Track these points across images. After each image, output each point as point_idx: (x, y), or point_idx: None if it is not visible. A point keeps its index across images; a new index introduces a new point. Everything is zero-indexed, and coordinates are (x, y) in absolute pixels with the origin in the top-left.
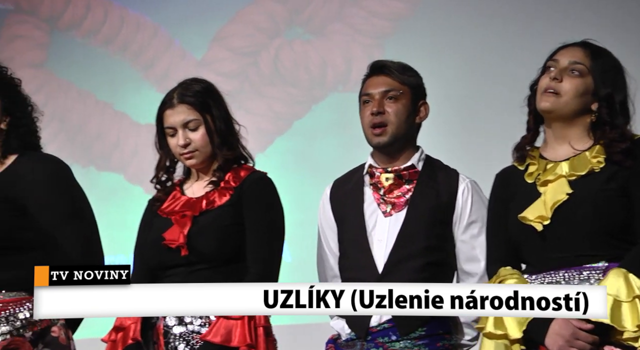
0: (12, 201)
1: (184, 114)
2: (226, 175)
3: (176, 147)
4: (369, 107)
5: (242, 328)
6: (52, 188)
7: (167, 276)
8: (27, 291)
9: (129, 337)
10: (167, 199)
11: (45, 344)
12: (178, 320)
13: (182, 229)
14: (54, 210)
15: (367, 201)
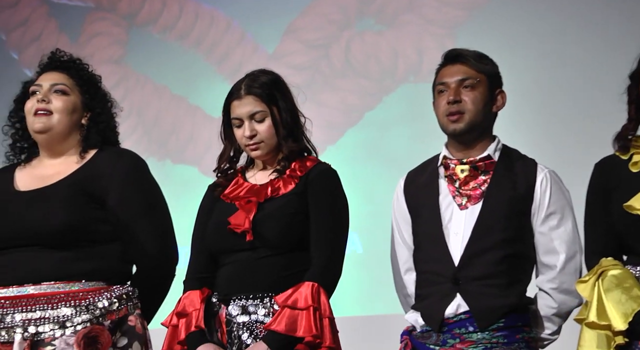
0: (92, 195)
1: (251, 106)
2: (292, 164)
3: (242, 138)
4: (444, 96)
5: (307, 318)
6: (130, 182)
7: (230, 261)
8: (105, 281)
9: (192, 324)
10: (230, 184)
11: (123, 333)
12: (241, 309)
13: (247, 214)
14: (132, 204)
15: (442, 194)
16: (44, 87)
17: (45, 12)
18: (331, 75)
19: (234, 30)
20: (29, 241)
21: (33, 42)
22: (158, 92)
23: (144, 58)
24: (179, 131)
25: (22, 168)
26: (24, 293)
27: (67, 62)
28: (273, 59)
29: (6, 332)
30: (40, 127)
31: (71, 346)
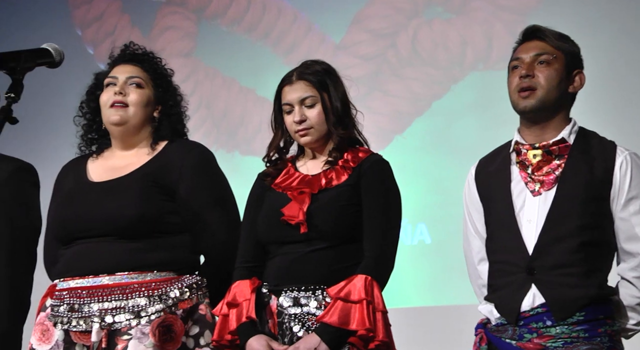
0: (163, 186)
1: (302, 91)
2: (344, 155)
3: (292, 124)
4: (517, 72)
5: (360, 311)
6: (199, 175)
7: (281, 252)
8: (175, 272)
9: (243, 315)
10: (280, 174)
11: (195, 321)
12: (293, 301)
13: (301, 205)
14: (201, 195)
15: (514, 180)
16: (120, 80)
17: (118, 8)
18: (398, 64)
19: (301, 21)
20: (103, 232)
21: (107, 37)
22: (227, 85)
23: (213, 51)
24: (247, 123)
25: (94, 159)
26: (99, 283)
27: (141, 55)
28: (340, 49)
29: (84, 321)
30: (117, 120)
31: (147, 335)
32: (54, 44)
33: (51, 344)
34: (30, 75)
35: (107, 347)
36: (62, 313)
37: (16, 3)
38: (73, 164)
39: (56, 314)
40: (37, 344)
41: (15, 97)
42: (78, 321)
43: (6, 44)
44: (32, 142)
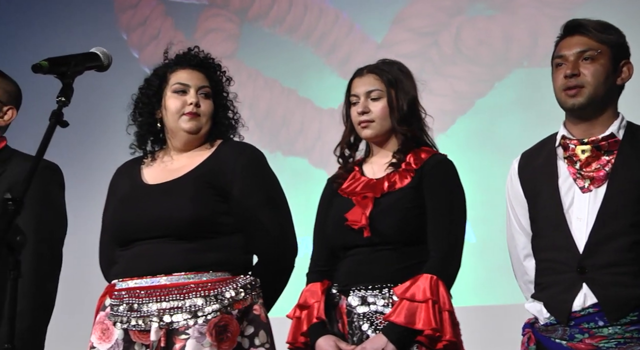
0: (216, 187)
1: (369, 84)
2: (407, 157)
3: (356, 115)
4: (562, 70)
5: (426, 311)
6: (252, 175)
7: (349, 255)
8: (229, 272)
9: (314, 316)
10: (347, 178)
11: (249, 321)
12: (361, 300)
13: (364, 210)
14: (253, 196)
15: (561, 176)
16: (191, 89)
17: (162, 11)
18: (440, 62)
19: (342, 21)
20: (160, 233)
21: (152, 41)
22: (269, 86)
23: (255, 52)
24: (289, 124)
25: (148, 162)
26: (157, 283)
27: (205, 60)
28: (382, 48)
29: (143, 320)
30: (191, 128)
31: (204, 335)
32: (102, 48)
33: (111, 342)
34: (78, 79)
35: (166, 346)
36: (122, 312)
37: (64, 9)
38: (127, 166)
39: (116, 314)
40: (98, 343)
41: (65, 100)
42: (137, 320)
43: (54, 48)
44: (79, 145)
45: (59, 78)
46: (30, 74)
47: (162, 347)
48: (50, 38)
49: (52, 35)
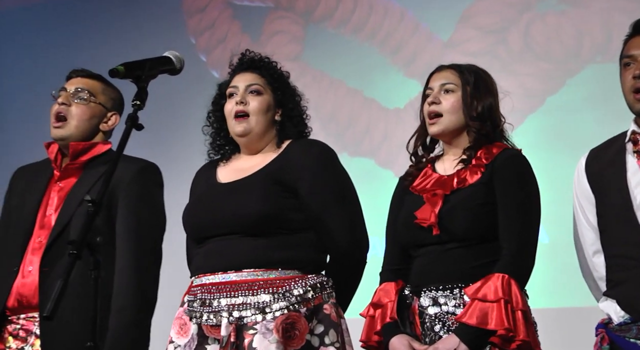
0: (285, 184)
1: (445, 77)
2: (477, 152)
3: (427, 107)
4: (630, 70)
5: (498, 311)
6: (321, 172)
7: (420, 254)
8: (300, 270)
9: (387, 315)
10: (419, 175)
11: (319, 320)
12: (432, 300)
13: (433, 208)
14: (323, 192)
15: (630, 170)
16: (240, 89)
17: (229, 15)
18: (509, 60)
19: (408, 20)
20: (230, 230)
21: (219, 44)
22: (334, 87)
23: (320, 54)
24: (355, 124)
25: (223, 164)
26: (227, 279)
27: (258, 61)
28: (448, 47)
29: (214, 315)
30: (240, 131)
31: (271, 331)
32: (175, 51)
33: (188, 337)
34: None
35: (236, 341)
36: (196, 308)
37: (134, 14)
38: (205, 168)
39: (191, 309)
40: (176, 337)
41: (140, 104)
42: (209, 315)
43: (125, 53)
44: (150, 147)
45: (134, 82)
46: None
47: (232, 342)
48: (122, 44)
49: (123, 40)
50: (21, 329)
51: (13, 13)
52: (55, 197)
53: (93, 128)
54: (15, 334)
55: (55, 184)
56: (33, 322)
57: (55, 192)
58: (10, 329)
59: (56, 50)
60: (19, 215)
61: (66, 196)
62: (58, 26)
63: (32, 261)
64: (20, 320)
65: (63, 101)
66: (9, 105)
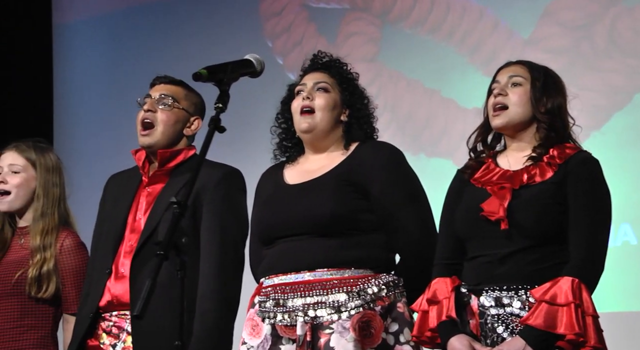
0: (356, 185)
1: (513, 71)
2: (550, 151)
3: (492, 101)
4: None
5: (568, 315)
6: (391, 173)
7: (483, 251)
8: (372, 269)
9: (444, 313)
10: (480, 168)
11: (393, 318)
12: (495, 301)
13: (501, 201)
14: (394, 193)
15: None
16: (308, 86)
17: (305, 17)
18: (594, 56)
19: (487, 18)
20: (301, 231)
21: (295, 47)
22: (411, 87)
23: (397, 54)
24: (432, 125)
25: (289, 165)
26: (301, 279)
27: (328, 62)
28: (529, 44)
29: (288, 315)
30: (305, 127)
31: (347, 330)
32: (255, 54)
33: (261, 338)
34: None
35: (312, 340)
36: (269, 308)
37: (211, 19)
38: (271, 170)
39: (264, 310)
40: (249, 338)
41: (223, 107)
42: (283, 315)
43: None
44: (228, 150)
45: (216, 85)
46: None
47: (308, 341)
48: (199, 48)
49: (200, 45)
50: (114, 326)
51: (91, 22)
52: (144, 201)
53: (177, 133)
54: (108, 330)
55: (144, 189)
56: (125, 320)
57: (144, 197)
58: (103, 325)
59: (135, 57)
60: (111, 220)
61: (154, 201)
62: (136, 34)
63: (124, 264)
64: (112, 317)
65: (149, 108)
66: (90, 114)
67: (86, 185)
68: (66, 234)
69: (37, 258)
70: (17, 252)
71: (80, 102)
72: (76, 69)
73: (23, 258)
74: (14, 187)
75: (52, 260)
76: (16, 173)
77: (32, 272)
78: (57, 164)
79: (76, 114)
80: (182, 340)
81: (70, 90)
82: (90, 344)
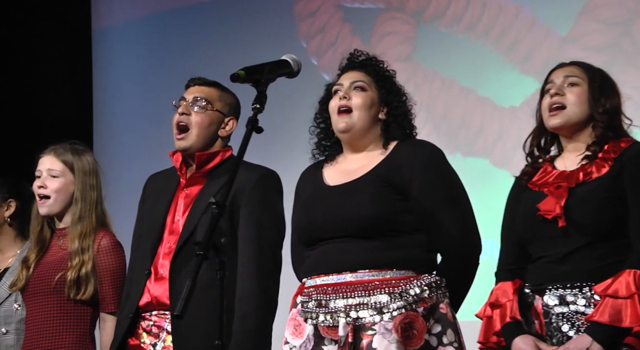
0: (396, 186)
1: (568, 71)
2: (604, 146)
3: (548, 101)
4: None
5: (632, 307)
6: (431, 173)
7: (544, 252)
8: (413, 270)
9: (507, 315)
10: (537, 173)
11: (436, 320)
12: (559, 299)
13: (558, 200)
14: (435, 193)
15: None
16: (344, 86)
17: (340, 18)
18: (635, 53)
19: (524, 16)
20: (342, 233)
21: (330, 48)
22: (446, 86)
23: (432, 53)
24: (468, 124)
25: (328, 165)
26: (342, 280)
27: (364, 60)
28: (566, 42)
29: (330, 316)
30: (343, 127)
31: (390, 331)
32: (292, 55)
33: (303, 338)
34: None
35: (354, 341)
36: (311, 309)
37: (246, 21)
38: (310, 170)
39: (306, 310)
40: (291, 338)
41: (260, 107)
42: (325, 316)
43: (238, 58)
44: (261, 150)
45: (253, 86)
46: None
47: (350, 342)
48: (234, 49)
49: (235, 46)
50: (154, 325)
51: (129, 26)
52: (182, 203)
53: (212, 135)
54: (148, 330)
55: (182, 190)
56: (164, 319)
57: (182, 198)
58: (144, 325)
59: (171, 60)
60: (150, 222)
61: (192, 203)
62: (172, 36)
63: (163, 265)
64: (152, 316)
65: (183, 111)
66: (129, 116)
67: (126, 186)
68: (103, 234)
69: (76, 261)
70: (55, 253)
71: (119, 104)
72: (115, 72)
73: (62, 259)
74: (53, 191)
75: (90, 262)
76: (55, 177)
77: (70, 274)
78: (94, 166)
79: (115, 116)
80: (222, 340)
81: (109, 93)
82: (131, 343)
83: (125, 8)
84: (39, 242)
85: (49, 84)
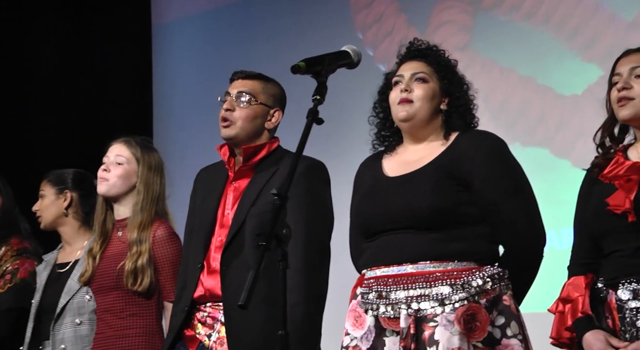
0: (457, 177)
1: (635, 61)
2: None
3: (616, 93)
4: None
5: None
6: (494, 163)
7: (615, 247)
8: (475, 262)
9: (578, 310)
10: (608, 164)
11: (499, 312)
12: (632, 293)
13: (627, 194)
14: (498, 185)
15: None
16: (405, 77)
17: (396, 8)
18: None
19: (586, 1)
20: (403, 224)
21: (386, 38)
22: (504, 75)
23: (490, 42)
24: (527, 113)
25: (388, 156)
26: (403, 272)
27: (425, 49)
28: (633, 27)
29: (392, 308)
30: (403, 116)
31: (452, 323)
32: (352, 45)
33: (364, 329)
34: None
35: (415, 333)
36: (372, 300)
37: (302, 13)
38: (370, 160)
39: (366, 301)
40: (352, 329)
41: (320, 98)
42: (386, 307)
43: (294, 50)
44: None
45: (314, 77)
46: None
47: (412, 334)
48: (290, 41)
49: (291, 38)
50: (208, 316)
51: (187, 21)
52: (231, 196)
53: (258, 128)
54: (203, 321)
55: (230, 184)
56: (218, 310)
57: (231, 191)
58: (198, 316)
59: (229, 54)
60: (201, 215)
61: (240, 196)
62: (230, 31)
63: (215, 258)
64: (207, 308)
65: (227, 107)
66: (188, 110)
67: (186, 180)
68: (158, 224)
69: (134, 250)
70: (116, 245)
71: (178, 98)
72: (174, 67)
73: (122, 252)
74: (114, 176)
75: (147, 254)
76: (120, 164)
77: (128, 264)
78: (160, 165)
79: (174, 110)
80: (286, 330)
81: (168, 87)
82: (187, 334)
83: (185, 3)
84: (103, 233)
85: (111, 78)
